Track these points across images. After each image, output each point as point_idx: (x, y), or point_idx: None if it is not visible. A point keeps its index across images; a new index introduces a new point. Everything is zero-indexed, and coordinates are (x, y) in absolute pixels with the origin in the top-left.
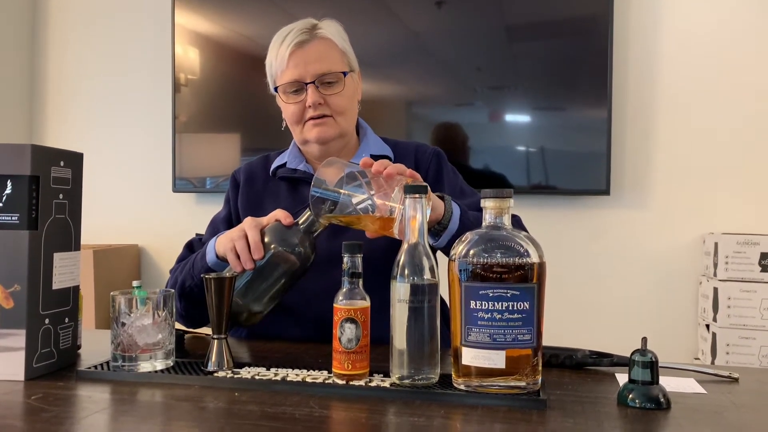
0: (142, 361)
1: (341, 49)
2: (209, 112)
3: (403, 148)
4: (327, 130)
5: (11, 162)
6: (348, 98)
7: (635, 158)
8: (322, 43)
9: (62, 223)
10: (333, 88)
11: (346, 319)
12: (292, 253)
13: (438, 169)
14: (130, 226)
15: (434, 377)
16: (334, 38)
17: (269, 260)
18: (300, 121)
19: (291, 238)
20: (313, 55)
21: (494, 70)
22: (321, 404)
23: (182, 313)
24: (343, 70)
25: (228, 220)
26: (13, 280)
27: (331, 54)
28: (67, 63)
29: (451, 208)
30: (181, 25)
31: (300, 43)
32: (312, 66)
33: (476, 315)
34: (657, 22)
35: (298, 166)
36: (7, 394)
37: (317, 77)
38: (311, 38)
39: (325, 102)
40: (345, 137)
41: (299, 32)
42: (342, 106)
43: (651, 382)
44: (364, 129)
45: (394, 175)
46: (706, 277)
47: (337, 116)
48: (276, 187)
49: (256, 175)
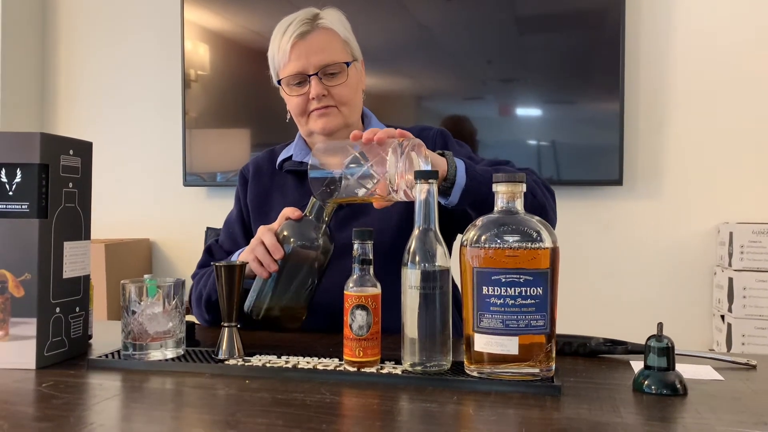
0: (152, 350)
1: (344, 39)
2: (219, 107)
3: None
4: (332, 120)
5: (21, 150)
6: (352, 88)
7: (648, 148)
8: (323, 34)
9: (72, 212)
10: (336, 78)
11: (357, 305)
12: (311, 246)
13: (444, 146)
14: (142, 220)
15: (446, 364)
16: (336, 28)
17: (291, 257)
18: (304, 113)
19: (305, 230)
20: (315, 46)
21: (504, 63)
22: (332, 391)
23: (210, 321)
24: (345, 60)
25: (240, 219)
26: (24, 268)
27: (333, 44)
28: (78, 59)
29: (454, 162)
30: (190, 21)
31: (301, 34)
32: (314, 57)
33: (489, 301)
34: (669, 13)
35: (305, 158)
36: (19, 382)
37: (320, 68)
38: (312, 29)
39: (328, 93)
40: (350, 127)
41: (300, 23)
42: (346, 96)
43: (667, 368)
44: (369, 117)
45: (384, 139)
46: (721, 267)
47: (341, 107)
48: (283, 181)
49: (263, 169)
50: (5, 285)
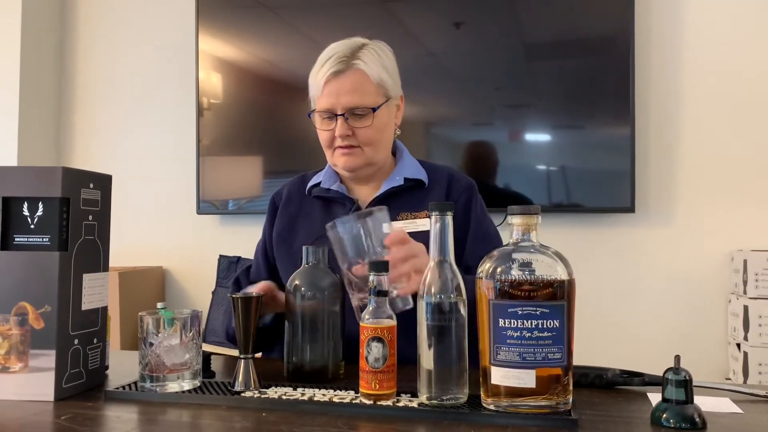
0: (169, 381)
1: (376, 82)
2: (232, 135)
3: (437, 173)
4: (353, 159)
5: (43, 184)
6: (377, 130)
7: (660, 175)
8: (356, 75)
9: (91, 245)
10: (362, 120)
11: (373, 338)
12: (316, 295)
13: (468, 202)
14: (155, 248)
15: (463, 397)
16: (370, 70)
17: (304, 315)
18: (330, 147)
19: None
20: (347, 87)
21: (513, 89)
22: (349, 424)
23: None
24: (373, 105)
25: (264, 251)
26: (44, 301)
27: (364, 87)
28: (94, 88)
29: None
30: (204, 51)
31: (336, 72)
32: (343, 98)
33: (505, 333)
34: (679, 36)
35: (332, 185)
36: (38, 414)
37: (347, 110)
38: (347, 68)
39: (353, 134)
40: (374, 165)
41: (337, 60)
42: (370, 138)
43: (685, 401)
44: (401, 151)
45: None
46: (736, 294)
47: (365, 147)
48: (310, 206)
49: (294, 195)
50: (25, 317)
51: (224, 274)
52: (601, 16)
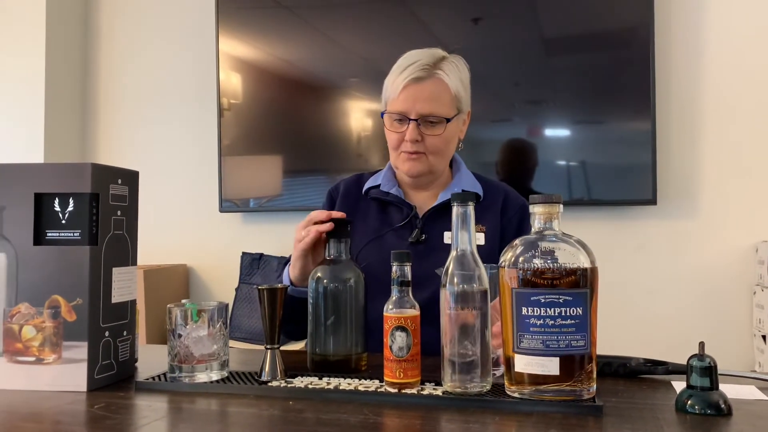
0: (198, 372)
1: (453, 93)
2: (252, 135)
3: (493, 188)
4: (417, 165)
5: (73, 181)
6: (445, 140)
7: (682, 167)
8: (436, 84)
9: (120, 239)
10: (434, 129)
11: (397, 327)
12: (341, 283)
13: (521, 222)
14: (179, 246)
15: (486, 385)
16: (450, 81)
17: (328, 303)
18: (397, 149)
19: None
20: (426, 94)
21: (532, 84)
22: (374, 412)
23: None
24: (447, 115)
25: None
26: (76, 294)
27: (442, 97)
28: (117, 90)
29: None
30: (224, 51)
31: (417, 78)
32: (420, 105)
33: (528, 321)
34: (699, 29)
35: (391, 189)
36: (72, 404)
37: (422, 117)
38: (429, 76)
39: (422, 140)
40: (434, 174)
41: (419, 67)
42: (437, 147)
43: (710, 387)
44: (458, 164)
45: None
46: (761, 286)
47: (430, 155)
48: (366, 207)
49: (351, 192)
50: (58, 310)
51: (247, 270)
52: (620, 10)
